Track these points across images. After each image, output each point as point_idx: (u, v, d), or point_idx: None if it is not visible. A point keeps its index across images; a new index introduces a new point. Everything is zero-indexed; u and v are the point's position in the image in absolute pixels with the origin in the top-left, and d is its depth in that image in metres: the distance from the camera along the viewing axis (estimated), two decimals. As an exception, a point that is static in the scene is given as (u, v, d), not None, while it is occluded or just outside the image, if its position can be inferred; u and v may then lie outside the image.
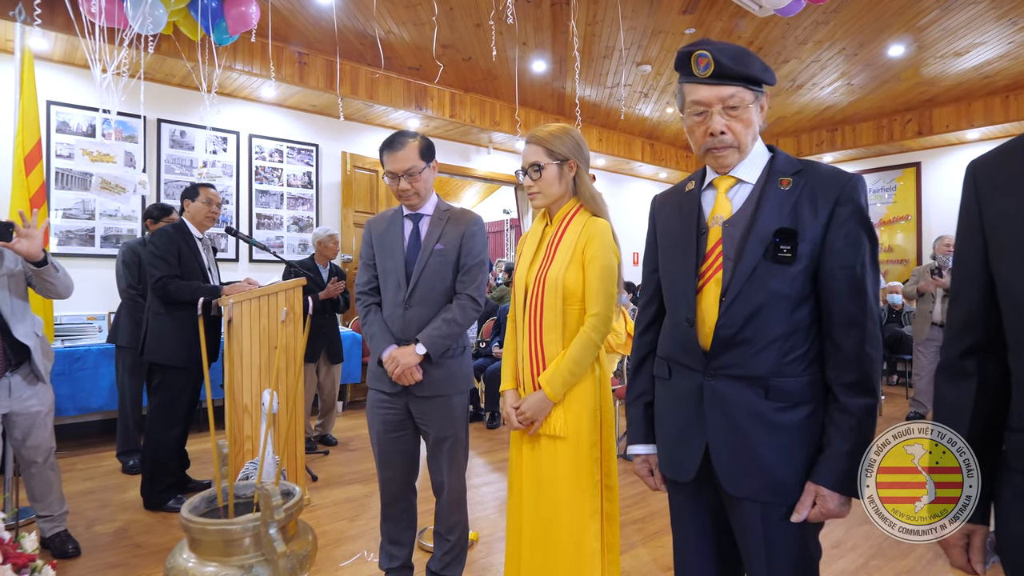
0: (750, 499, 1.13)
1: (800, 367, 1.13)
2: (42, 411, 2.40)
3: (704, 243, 1.20)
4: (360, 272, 2.03)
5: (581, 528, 1.54)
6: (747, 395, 1.14)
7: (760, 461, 1.12)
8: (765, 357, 1.12)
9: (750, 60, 1.15)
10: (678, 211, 1.28)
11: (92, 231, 4.61)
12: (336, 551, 2.58)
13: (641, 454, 1.35)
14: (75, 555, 2.51)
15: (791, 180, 1.16)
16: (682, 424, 1.22)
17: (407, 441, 1.98)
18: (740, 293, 1.13)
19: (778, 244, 1.11)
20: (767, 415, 1.12)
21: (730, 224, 1.18)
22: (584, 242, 1.59)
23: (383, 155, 1.92)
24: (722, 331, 1.14)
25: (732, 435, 1.14)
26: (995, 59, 5.45)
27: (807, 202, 1.13)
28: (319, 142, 5.82)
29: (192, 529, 1.10)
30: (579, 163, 1.65)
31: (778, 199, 1.15)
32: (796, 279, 1.12)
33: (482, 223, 2.00)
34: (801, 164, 1.19)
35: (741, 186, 1.21)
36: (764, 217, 1.14)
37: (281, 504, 1.05)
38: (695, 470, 1.20)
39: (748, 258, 1.13)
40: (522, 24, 4.82)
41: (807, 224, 1.12)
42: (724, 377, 1.15)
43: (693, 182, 1.28)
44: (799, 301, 1.13)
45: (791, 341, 1.13)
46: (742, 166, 1.20)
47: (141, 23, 3.11)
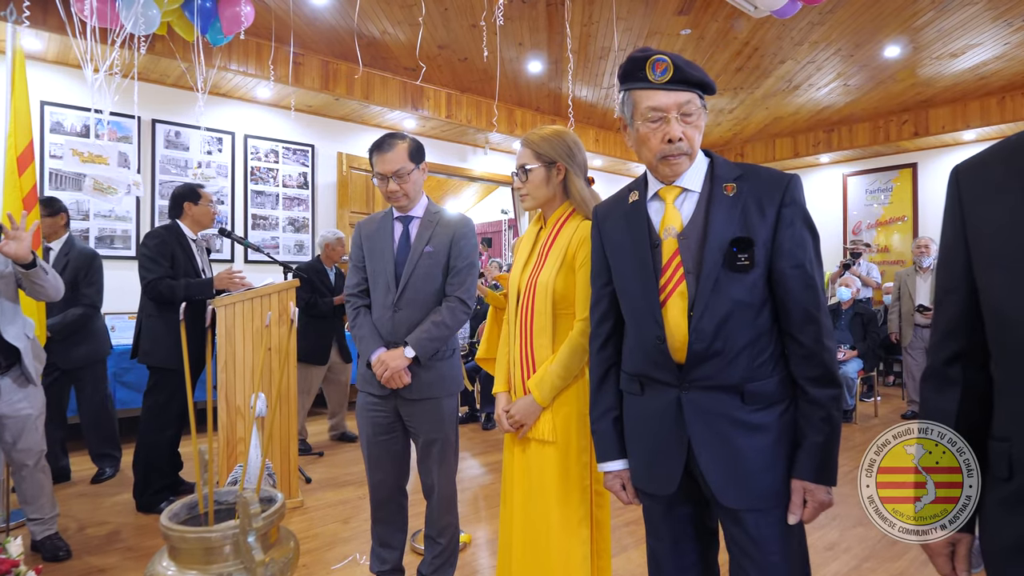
0: (746, 509, 1.14)
1: (769, 368, 1.15)
2: (33, 414, 2.38)
3: (659, 256, 1.19)
4: (350, 274, 2.02)
5: (570, 533, 1.54)
6: (725, 403, 1.15)
7: (747, 467, 1.13)
8: (737, 365, 1.14)
9: (700, 69, 1.18)
10: (624, 224, 1.26)
11: (87, 232, 4.60)
12: (328, 554, 2.57)
13: (613, 470, 1.34)
14: (66, 558, 2.49)
15: (734, 186, 1.17)
16: (660, 438, 1.21)
17: (397, 444, 1.98)
18: (707, 306, 1.13)
19: (736, 253, 1.12)
20: (745, 419, 1.14)
21: (684, 236, 1.17)
22: (575, 246, 1.58)
23: (372, 156, 1.91)
24: (695, 346, 1.14)
25: (717, 443, 1.15)
26: (991, 60, 5.46)
27: (754, 207, 1.15)
28: (315, 143, 5.81)
29: (171, 537, 1.09)
30: (568, 166, 1.64)
31: (726, 206, 1.16)
32: (756, 285, 1.14)
33: (472, 225, 2.00)
34: (740, 168, 1.20)
35: (687, 195, 1.21)
36: (716, 226, 1.15)
37: (259, 512, 1.04)
38: (676, 483, 1.19)
39: (709, 270, 1.13)
40: (518, 25, 4.82)
41: (757, 229, 1.14)
42: (700, 388, 1.16)
43: (636, 192, 1.27)
44: (760, 306, 1.15)
45: (758, 345, 1.15)
46: (686, 175, 1.20)
47: (134, 23, 3.10)
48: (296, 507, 3.09)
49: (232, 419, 2.91)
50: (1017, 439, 0.80)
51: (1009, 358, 0.82)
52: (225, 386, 2.92)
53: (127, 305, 4.56)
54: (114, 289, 4.62)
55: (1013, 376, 0.81)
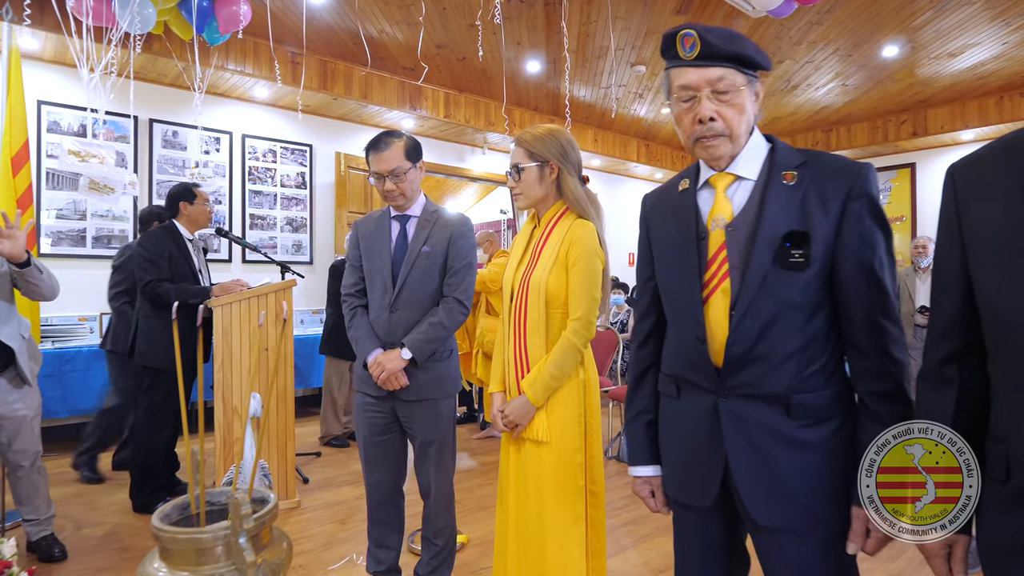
0: (782, 529, 1.04)
1: (821, 380, 1.04)
2: (28, 415, 2.37)
3: (705, 249, 1.09)
4: (347, 274, 2.01)
5: (565, 534, 1.53)
6: (767, 415, 1.04)
7: (789, 486, 1.03)
8: (783, 373, 1.03)
9: (741, 40, 1.06)
10: (672, 214, 1.17)
11: (83, 232, 4.58)
12: (325, 554, 2.57)
13: (643, 476, 1.25)
14: (61, 559, 2.48)
15: (795, 174, 1.05)
16: (696, 447, 1.12)
17: (394, 444, 1.97)
18: (751, 305, 1.03)
19: (789, 248, 1.01)
20: (791, 435, 1.02)
21: (733, 227, 1.07)
22: (568, 245, 1.58)
23: (368, 155, 1.90)
24: (734, 348, 1.04)
25: (756, 459, 1.05)
26: (989, 60, 5.46)
27: (815, 198, 1.03)
28: (313, 142, 5.80)
29: (163, 538, 1.08)
30: (562, 165, 1.63)
31: (783, 196, 1.04)
32: (810, 285, 1.02)
33: (471, 225, 1.98)
34: (805, 155, 1.08)
35: (741, 183, 1.10)
36: (770, 218, 1.03)
37: (250, 513, 1.03)
38: (713, 495, 1.10)
39: (756, 266, 1.03)
40: (516, 24, 4.81)
41: (817, 223, 1.02)
42: (740, 397, 1.06)
43: (687, 180, 1.17)
44: (814, 309, 1.03)
45: (809, 353, 1.03)
46: (740, 161, 1.10)
47: (130, 22, 3.09)
48: (293, 507, 3.09)
49: (229, 419, 2.90)
50: (1015, 439, 0.79)
51: (1005, 358, 0.81)
52: (222, 386, 2.91)
53: (124, 305, 4.54)
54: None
55: (1010, 376, 0.81)
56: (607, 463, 3.92)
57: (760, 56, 1.08)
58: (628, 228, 8.77)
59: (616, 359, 4.72)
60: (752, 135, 1.11)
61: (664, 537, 2.76)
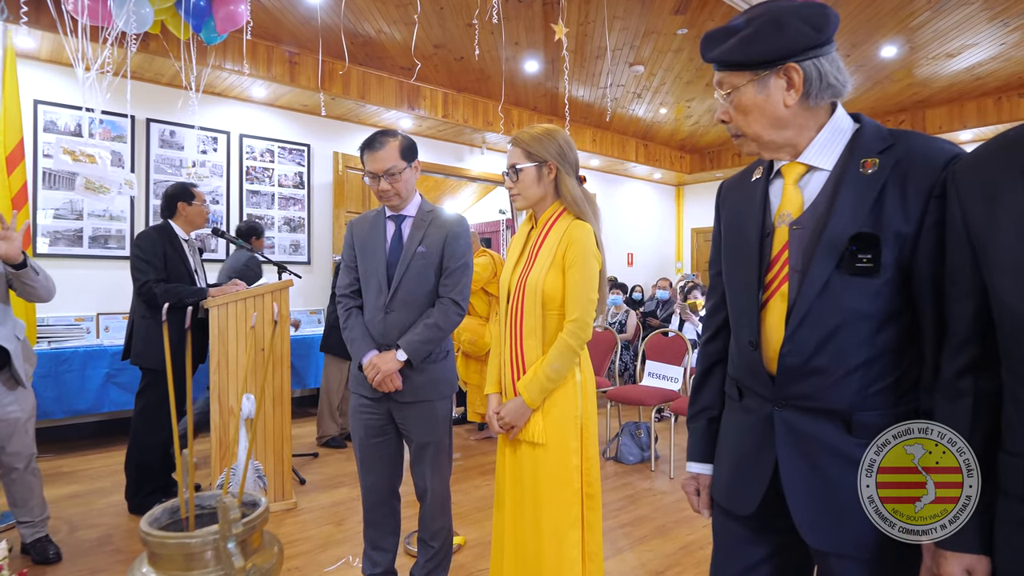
0: (836, 554, 0.96)
1: (890, 398, 0.93)
2: (22, 417, 2.36)
3: (769, 247, 1.00)
4: (342, 274, 2.00)
5: (561, 536, 1.52)
6: (826, 430, 0.96)
7: (845, 508, 0.94)
8: (844, 388, 0.94)
9: (736, 43, 0.98)
10: (743, 205, 1.09)
11: (80, 231, 4.57)
12: (321, 555, 2.56)
13: (692, 472, 1.20)
14: (56, 561, 2.47)
15: (876, 161, 0.93)
16: (745, 452, 1.06)
17: (390, 446, 1.96)
18: (809, 313, 0.94)
19: (855, 252, 0.90)
20: (852, 453, 0.92)
21: (798, 225, 0.97)
22: (564, 246, 1.57)
23: (363, 155, 1.89)
24: (788, 359, 0.96)
25: (811, 477, 0.97)
26: (987, 60, 5.46)
27: (895, 191, 0.91)
28: (311, 142, 5.78)
29: (151, 542, 1.07)
30: (560, 165, 1.62)
31: (858, 189, 0.93)
32: (881, 293, 0.91)
33: (467, 225, 1.97)
34: (894, 137, 0.95)
35: (814, 174, 0.99)
36: (839, 216, 0.93)
37: (239, 518, 1.02)
38: (755, 505, 1.04)
39: (817, 270, 0.93)
40: (514, 24, 4.80)
41: (893, 222, 0.90)
42: (798, 409, 0.98)
43: (761, 168, 1.09)
44: (886, 320, 0.92)
45: (876, 368, 0.93)
46: (812, 149, 0.99)
47: (126, 21, 3.07)
48: (290, 508, 3.08)
49: (225, 420, 2.89)
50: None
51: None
52: (218, 387, 2.90)
53: (121, 305, 4.53)
54: (108, 289, 4.61)
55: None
56: (604, 464, 3.92)
57: (742, 58, 0.98)
58: (626, 228, 8.77)
59: (614, 359, 4.71)
60: (833, 116, 1.00)
61: (661, 539, 2.75)
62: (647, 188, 9.33)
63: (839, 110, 1.02)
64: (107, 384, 4.04)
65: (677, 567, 2.48)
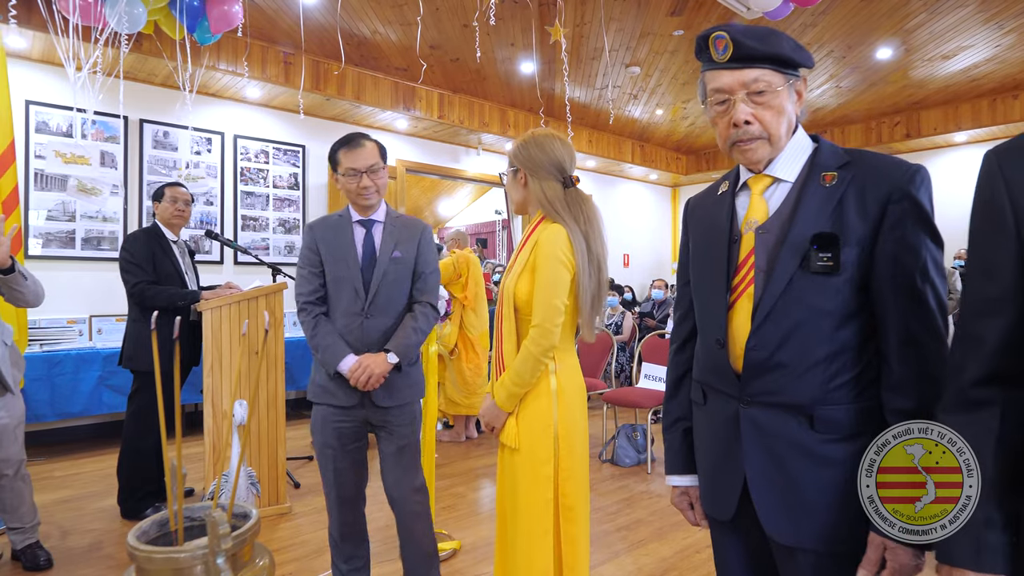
0: (799, 548, 0.99)
1: (850, 393, 0.98)
2: (11, 423, 2.33)
3: (736, 253, 1.06)
4: (304, 280, 1.90)
5: (531, 544, 1.53)
6: (789, 425, 1.00)
7: (808, 503, 0.98)
8: (807, 383, 0.98)
9: (777, 39, 1.01)
10: (710, 217, 1.14)
11: (73, 233, 4.53)
12: (315, 561, 2.53)
13: (680, 486, 1.22)
14: (47, 567, 2.44)
15: (836, 175, 1.00)
16: (718, 456, 1.09)
17: (362, 452, 1.96)
18: (773, 310, 0.99)
19: (816, 251, 0.97)
20: (813, 448, 0.98)
21: (764, 230, 1.03)
22: (530, 249, 1.58)
23: (339, 154, 1.85)
24: (753, 353, 1.01)
25: (775, 472, 1.01)
26: (982, 62, 5.47)
27: (853, 200, 0.97)
28: (305, 143, 5.76)
29: (138, 557, 1.05)
30: (528, 170, 1.63)
31: (819, 198, 0.99)
32: (840, 292, 0.97)
33: (431, 230, 2.02)
34: (850, 155, 1.02)
35: (779, 185, 1.06)
36: (801, 220, 0.99)
37: (228, 533, 1.00)
38: (733, 508, 1.07)
39: (782, 269, 0.99)
40: (510, 25, 4.79)
41: (853, 226, 0.96)
42: (761, 405, 1.02)
43: (727, 183, 1.14)
44: (845, 317, 0.97)
45: (837, 363, 0.98)
46: (779, 162, 1.05)
47: (118, 21, 3.05)
48: (284, 513, 3.05)
49: (219, 424, 2.87)
50: None
51: None
52: (212, 391, 2.87)
53: (113, 308, 4.50)
54: (101, 291, 4.57)
55: None
56: (601, 467, 3.90)
57: (799, 54, 1.03)
58: (622, 229, 8.77)
59: (610, 361, 4.71)
60: (795, 135, 1.07)
61: (658, 542, 2.74)
62: (643, 189, 9.34)
63: (800, 129, 1.09)
64: (100, 387, 4.00)
65: (674, 571, 2.47)
